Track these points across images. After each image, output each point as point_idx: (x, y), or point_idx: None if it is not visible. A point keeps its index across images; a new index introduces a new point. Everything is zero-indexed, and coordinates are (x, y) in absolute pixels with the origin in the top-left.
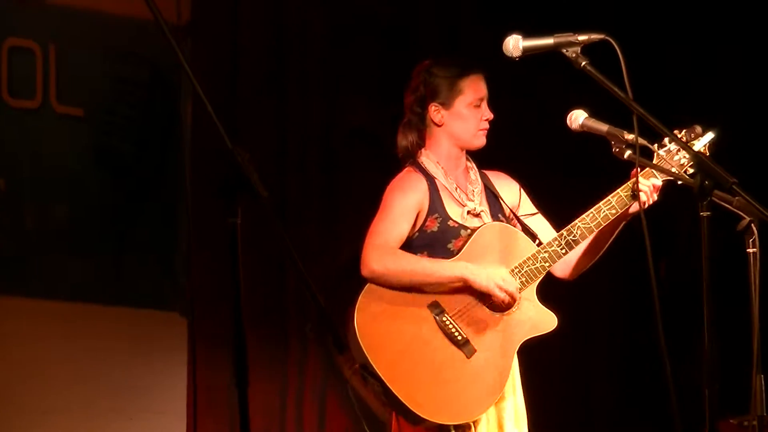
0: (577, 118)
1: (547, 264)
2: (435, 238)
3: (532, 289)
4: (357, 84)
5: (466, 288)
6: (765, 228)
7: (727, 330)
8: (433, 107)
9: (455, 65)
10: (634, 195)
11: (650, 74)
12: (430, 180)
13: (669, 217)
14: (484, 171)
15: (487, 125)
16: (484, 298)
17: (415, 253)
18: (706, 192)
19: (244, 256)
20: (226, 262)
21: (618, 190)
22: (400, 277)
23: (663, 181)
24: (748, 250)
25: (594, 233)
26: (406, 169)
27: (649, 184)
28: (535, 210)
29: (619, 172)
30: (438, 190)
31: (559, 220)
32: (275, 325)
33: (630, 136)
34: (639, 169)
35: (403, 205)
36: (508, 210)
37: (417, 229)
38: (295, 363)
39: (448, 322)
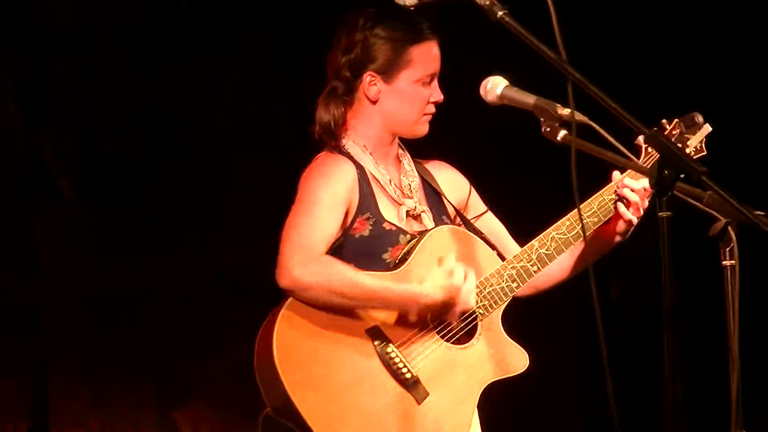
0: (495, 86)
1: (515, 284)
2: (365, 245)
3: (497, 316)
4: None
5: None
6: (747, 233)
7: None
8: (368, 76)
9: (407, 26)
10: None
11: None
12: (358, 167)
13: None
14: (420, 161)
15: (433, 110)
16: (440, 325)
17: None
18: (666, 185)
19: None
20: None
21: (600, 192)
22: (331, 293)
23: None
24: (723, 262)
25: (571, 246)
26: (325, 152)
27: (638, 187)
28: (484, 208)
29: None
30: (369, 182)
31: (520, 229)
32: None
33: (565, 111)
34: (575, 154)
35: (329, 196)
36: (454, 211)
37: (341, 233)
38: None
39: (393, 356)
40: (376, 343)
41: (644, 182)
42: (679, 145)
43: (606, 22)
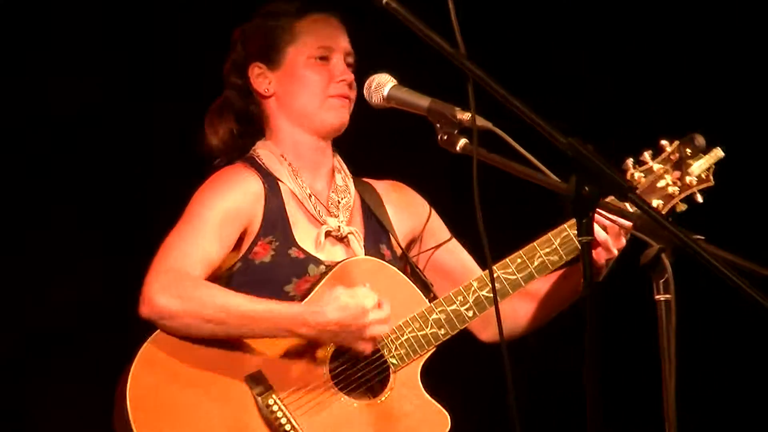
0: (380, 86)
1: (443, 331)
2: (265, 273)
3: (415, 369)
4: None
5: (305, 350)
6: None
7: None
8: (255, 69)
9: (288, 4)
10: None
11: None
12: (270, 181)
13: None
14: (368, 180)
15: (345, 89)
16: (339, 373)
17: None
18: (586, 204)
19: None
20: None
21: (564, 225)
22: (200, 319)
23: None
24: (656, 296)
25: (520, 289)
26: (235, 163)
27: (608, 222)
28: (449, 236)
29: None
30: (281, 198)
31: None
32: None
33: (465, 115)
34: (476, 167)
35: (216, 212)
36: (398, 243)
37: (239, 257)
38: None
39: (276, 409)
40: (256, 392)
41: (623, 227)
42: (667, 170)
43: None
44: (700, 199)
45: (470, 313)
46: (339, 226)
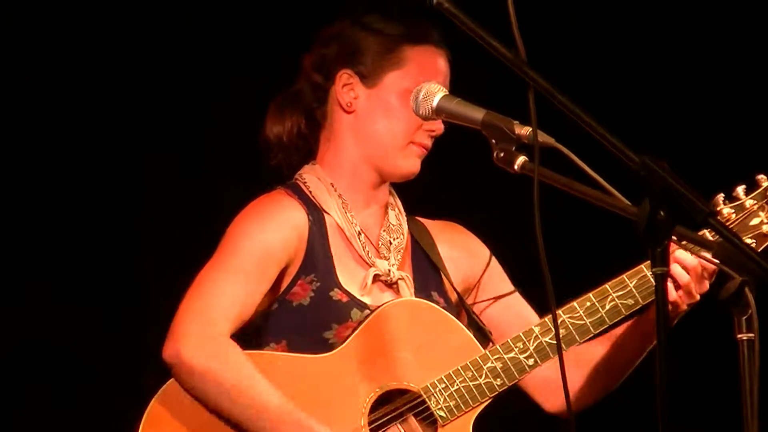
0: (430, 96)
1: (499, 382)
2: (303, 317)
3: (467, 423)
4: None
5: (338, 399)
6: None
7: None
8: (344, 75)
9: (407, 21)
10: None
11: None
12: (315, 213)
13: None
14: (422, 220)
15: (428, 141)
16: (375, 424)
17: (265, 345)
18: (660, 230)
19: None
20: None
21: (642, 266)
22: (214, 395)
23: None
24: (738, 335)
25: (591, 337)
26: (276, 190)
27: (693, 264)
28: (511, 288)
29: None
30: (325, 232)
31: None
32: None
33: (524, 130)
34: (537, 188)
35: (256, 250)
36: (453, 287)
37: (275, 298)
38: None
39: None
40: None
41: (702, 257)
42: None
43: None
44: None
45: (531, 362)
46: (389, 270)
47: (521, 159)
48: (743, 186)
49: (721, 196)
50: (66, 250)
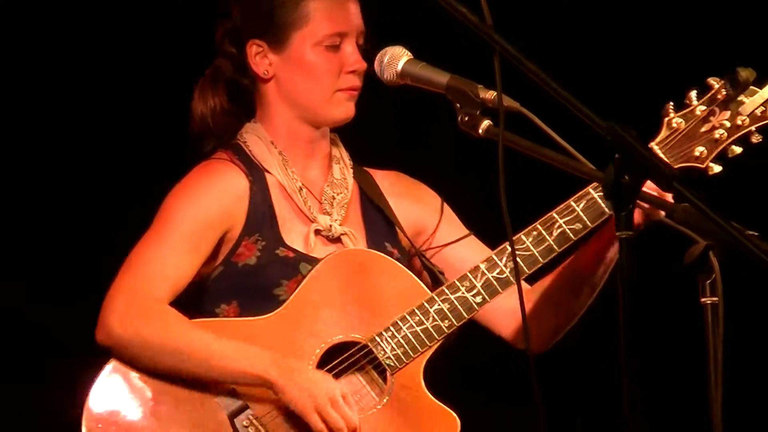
0: (394, 60)
1: (446, 324)
2: (251, 276)
3: (417, 369)
4: None
5: (286, 357)
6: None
7: None
8: (254, 47)
9: None
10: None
11: None
12: (256, 173)
13: None
14: (369, 170)
15: (355, 81)
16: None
17: (215, 308)
18: (625, 195)
19: None
20: None
21: (588, 188)
22: (160, 353)
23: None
24: (702, 299)
25: (539, 266)
26: (217, 153)
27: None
28: (465, 231)
29: None
30: (267, 192)
31: None
32: None
33: (489, 94)
34: (502, 152)
35: (191, 221)
36: (406, 237)
37: (220, 261)
38: None
39: (252, 430)
40: (230, 412)
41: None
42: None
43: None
44: (757, 138)
45: (479, 299)
46: (331, 225)
47: (486, 123)
48: (695, 91)
49: (670, 105)
50: (39, 229)
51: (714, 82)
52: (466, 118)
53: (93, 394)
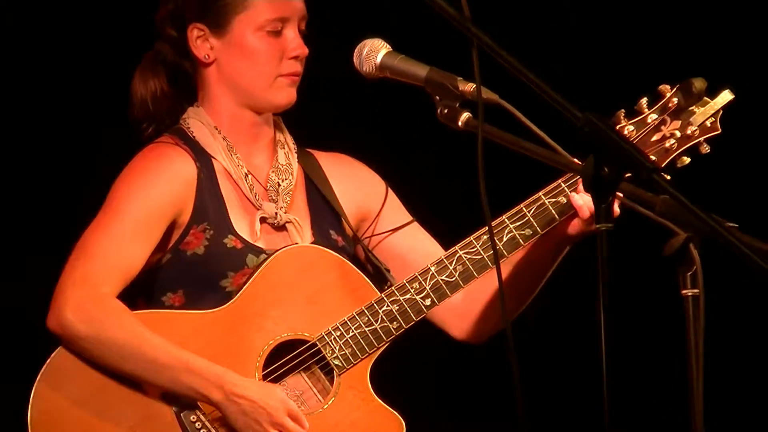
0: (373, 53)
1: (395, 325)
2: (198, 266)
3: (364, 370)
4: None
5: (231, 356)
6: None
7: None
8: (194, 31)
9: None
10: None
11: None
12: (203, 158)
13: None
14: (314, 152)
15: (296, 67)
16: (270, 378)
17: (162, 296)
18: (605, 187)
19: None
20: None
21: (540, 194)
22: (108, 351)
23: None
24: (683, 291)
25: (488, 270)
26: (162, 137)
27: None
28: (409, 218)
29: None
30: (215, 178)
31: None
32: None
33: (468, 86)
34: (481, 145)
35: (140, 208)
36: (350, 226)
37: (168, 248)
38: None
39: (199, 426)
40: (176, 408)
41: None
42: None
43: None
44: (706, 149)
45: (428, 302)
46: (276, 213)
47: (465, 115)
48: (646, 98)
49: (622, 112)
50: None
51: (665, 90)
52: (446, 111)
53: (39, 383)
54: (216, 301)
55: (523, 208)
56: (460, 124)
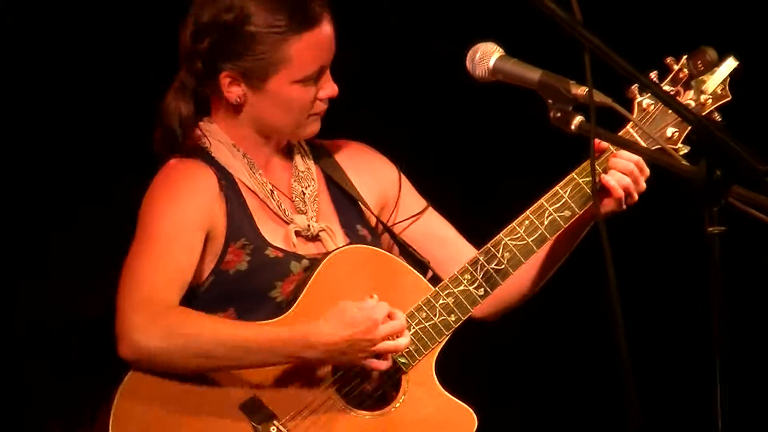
0: (486, 57)
1: (453, 317)
2: (245, 282)
3: (428, 364)
4: None
5: (303, 365)
6: None
7: None
8: (226, 78)
9: (282, 5)
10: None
11: None
12: (225, 176)
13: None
14: (324, 143)
15: (324, 107)
16: (345, 384)
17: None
18: (718, 190)
19: None
20: None
21: (573, 174)
22: (192, 356)
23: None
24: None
25: (534, 255)
26: (175, 158)
27: (628, 165)
28: (424, 203)
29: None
30: (240, 194)
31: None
32: None
33: (581, 90)
34: (595, 145)
35: (175, 222)
36: (374, 215)
37: (209, 272)
38: None
39: None
40: (256, 421)
41: (633, 157)
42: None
43: None
44: (717, 117)
45: (481, 292)
46: (308, 225)
47: (578, 119)
48: (655, 72)
49: (635, 87)
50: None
51: (673, 63)
52: (558, 114)
53: (117, 406)
54: (268, 313)
55: (559, 190)
56: (572, 127)
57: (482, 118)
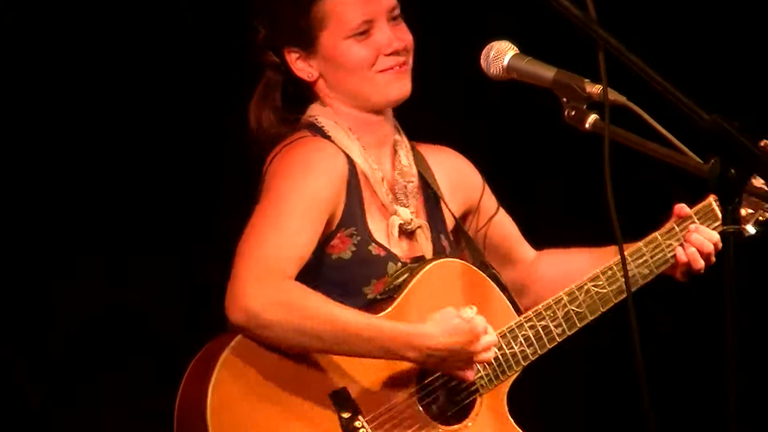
0: (500, 55)
1: (531, 350)
2: (343, 272)
3: (502, 392)
4: None
5: (392, 366)
6: None
7: None
8: (291, 55)
9: None
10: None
11: None
12: (349, 161)
13: None
14: (418, 145)
15: (396, 60)
16: (426, 395)
17: None
18: (732, 189)
19: None
20: None
21: (657, 234)
22: (301, 333)
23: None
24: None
25: (611, 304)
26: (303, 135)
27: (705, 245)
28: (497, 205)
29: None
30: (358, 180)
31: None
32: None
33: (595, 88)
34: (608, 146)
35: (307, 197)
36: (452, 221)
37: (314, 250)
38: None
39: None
40: (343, 413)
41: (710, 235)
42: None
43: None
44: None
45: (559, 330)
46: (411, 219)
47: (592, 117)
48: None
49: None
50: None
51: None
52: (573, 113)
53: (220, 372)
54: (358, 307)
55: (642, 248)
56: (587, 125)
57: (502, 118)
